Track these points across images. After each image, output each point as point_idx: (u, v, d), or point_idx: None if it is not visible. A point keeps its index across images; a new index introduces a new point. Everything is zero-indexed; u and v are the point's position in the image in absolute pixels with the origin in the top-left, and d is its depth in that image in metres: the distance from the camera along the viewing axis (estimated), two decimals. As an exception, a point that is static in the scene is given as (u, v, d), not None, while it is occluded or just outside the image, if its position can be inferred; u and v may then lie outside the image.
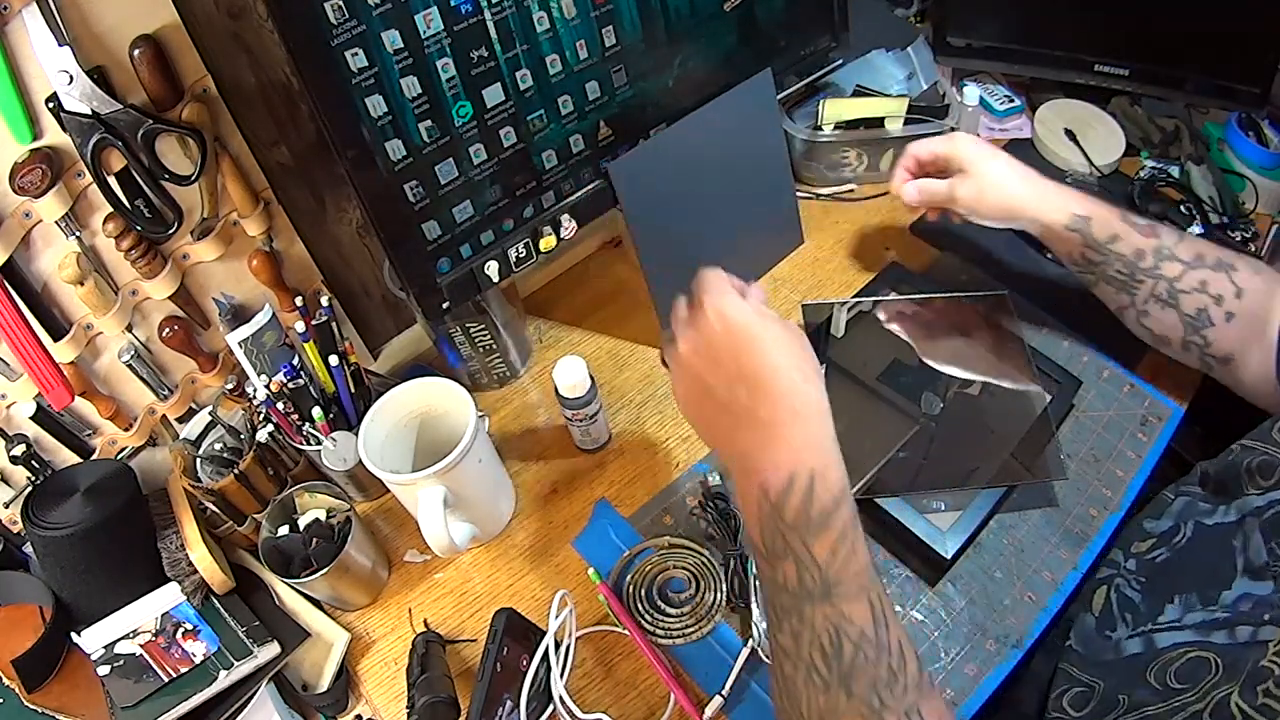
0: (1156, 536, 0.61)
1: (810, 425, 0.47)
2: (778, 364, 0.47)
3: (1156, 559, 0.60)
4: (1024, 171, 0.72)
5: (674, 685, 0.63)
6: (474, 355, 0.83)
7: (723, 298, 0.50)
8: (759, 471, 0.46)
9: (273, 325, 0.72)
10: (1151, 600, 0.57)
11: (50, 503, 0.64)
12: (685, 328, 0.52)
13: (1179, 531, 0.60)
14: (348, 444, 0.71)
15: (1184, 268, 0.67)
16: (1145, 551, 0.61)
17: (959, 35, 1.06)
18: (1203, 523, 0.58)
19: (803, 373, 0.48)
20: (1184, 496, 0.63)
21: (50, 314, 0.64)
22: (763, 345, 0.48)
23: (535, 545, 0.74)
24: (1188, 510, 0.61)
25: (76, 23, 0.55)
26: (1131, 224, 0.68)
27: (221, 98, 0.64)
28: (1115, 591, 0.60)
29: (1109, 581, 0.61)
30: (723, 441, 0.50)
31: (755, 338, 0.48)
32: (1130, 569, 0.61)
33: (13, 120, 0.56)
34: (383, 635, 0.70)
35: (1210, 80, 0.93)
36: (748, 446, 0.47)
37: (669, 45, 0.74)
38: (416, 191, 0.65)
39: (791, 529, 0.44)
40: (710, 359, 0.49)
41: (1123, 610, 0.59)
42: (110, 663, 0.63)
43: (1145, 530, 0.63)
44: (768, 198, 0.92)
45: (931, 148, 0.75)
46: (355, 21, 0.56)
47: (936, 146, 0.75)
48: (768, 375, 0.47)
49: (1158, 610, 0.55)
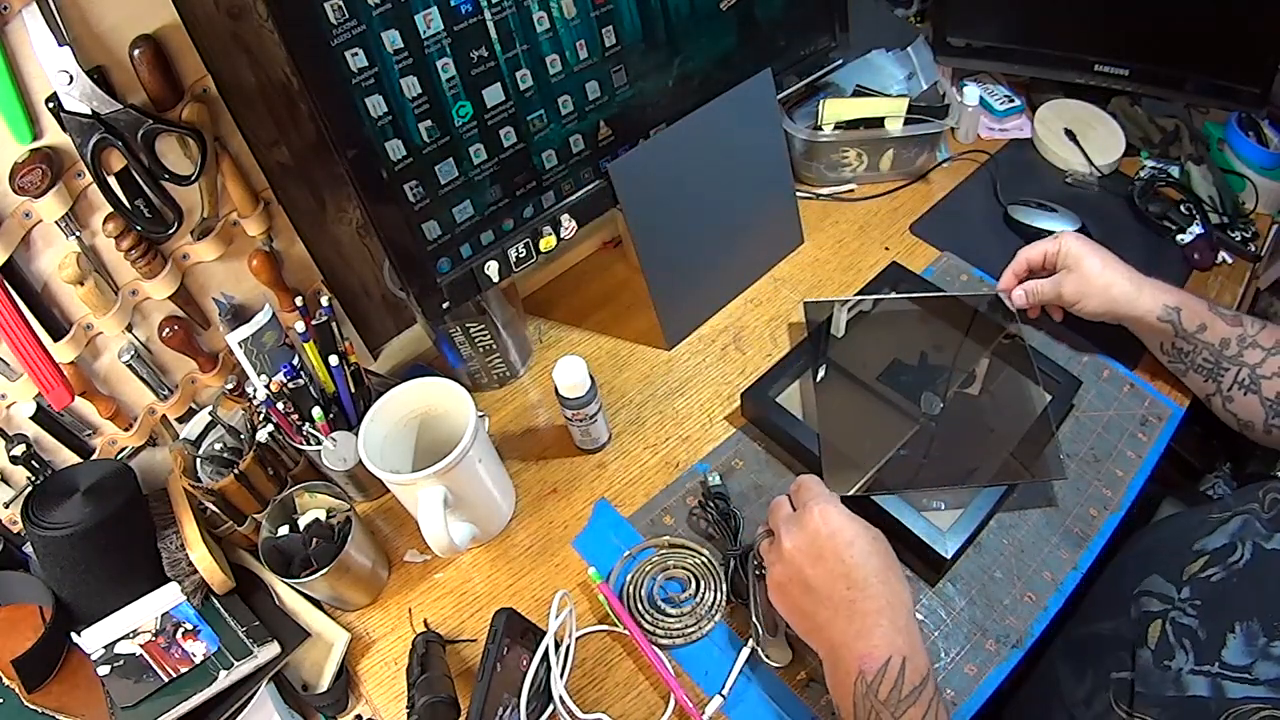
0: (1209, 554, 0.59)
1: (899, 616, 0.54)
2: (874, 564, 0.55)
3: (1212, 578, 0.58)
4: (1123, 267, 0.74)
5: (674, 685, 0.63)
6: (474, 355, 0.83)
7: (827, 504, 0.57)
8: (856, 656, 0.53)
9: (273, 325, 0.72)
10: (1211, 627, 0.55)
11: (50, 503, 0.64)
12: (790, 525, 0.58)
13: (1236, 550, 0.58)
14: (348, 444, 0.71)
15: (1265, 354, 0.69)
16: (1199, 571, 0.59)
17: (959, 35, 1.06)
18: (1262, 545, 0.56)
19: (893, 572, 0.56)
20: (1241, 515, 0.60)
21: (50, 314, 0.64)
22: (862, 547, 0.56)
23: (535, 545, 0.74)
24: (1246, 530, 0.59)
25: (76, 23, 0.55)
26: (1218, 313, 0.71)
27: (221, 98, 0.64)
28: (1171, 624, 0.58)
29: (1163, 616, 0.59)
30: (818, 628, 0.56)
31: (855, 541, 0.56)
32: (1185, 597, 0.58)
33: (13, 120, 0.56)
34: (383, 635, 0.70)
35: (1210, 80, 0.93)
36: (845, 635, 0.54)
37: (669, 45, 0.74)
38: (416, 191, 0.65)
39: (885, 705, 0.51)
40: (814, 556, 0.56)
41: (1180, 638, 0.56)
42: (110, 663, 0.63)
43: (1194, 551, 0.61)
44: (767, 198, 0.92)
45: (1043, 249, 0.77)
46: (355, 21, 0.56)
47: (1047, 248, 0.77)
48: (866, 574, 0.55)
49: (1219, 641, 0.53)
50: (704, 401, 0.83)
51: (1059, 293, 0.76)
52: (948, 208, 0.99)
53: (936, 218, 0.98)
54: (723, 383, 0.84)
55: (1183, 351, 0.74)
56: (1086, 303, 0.75)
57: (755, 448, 0.78)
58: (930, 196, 1.01)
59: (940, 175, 1.03)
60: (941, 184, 1.02)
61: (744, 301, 0.92)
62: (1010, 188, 0.99)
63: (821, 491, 0.60)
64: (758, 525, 0.72)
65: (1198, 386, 0.75)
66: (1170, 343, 0.74)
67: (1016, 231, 0.94)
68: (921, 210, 0.99)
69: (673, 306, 0.86)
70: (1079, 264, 0.74)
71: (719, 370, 0.85)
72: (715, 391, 0.84)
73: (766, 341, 0.87)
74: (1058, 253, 0.76)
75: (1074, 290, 0.75)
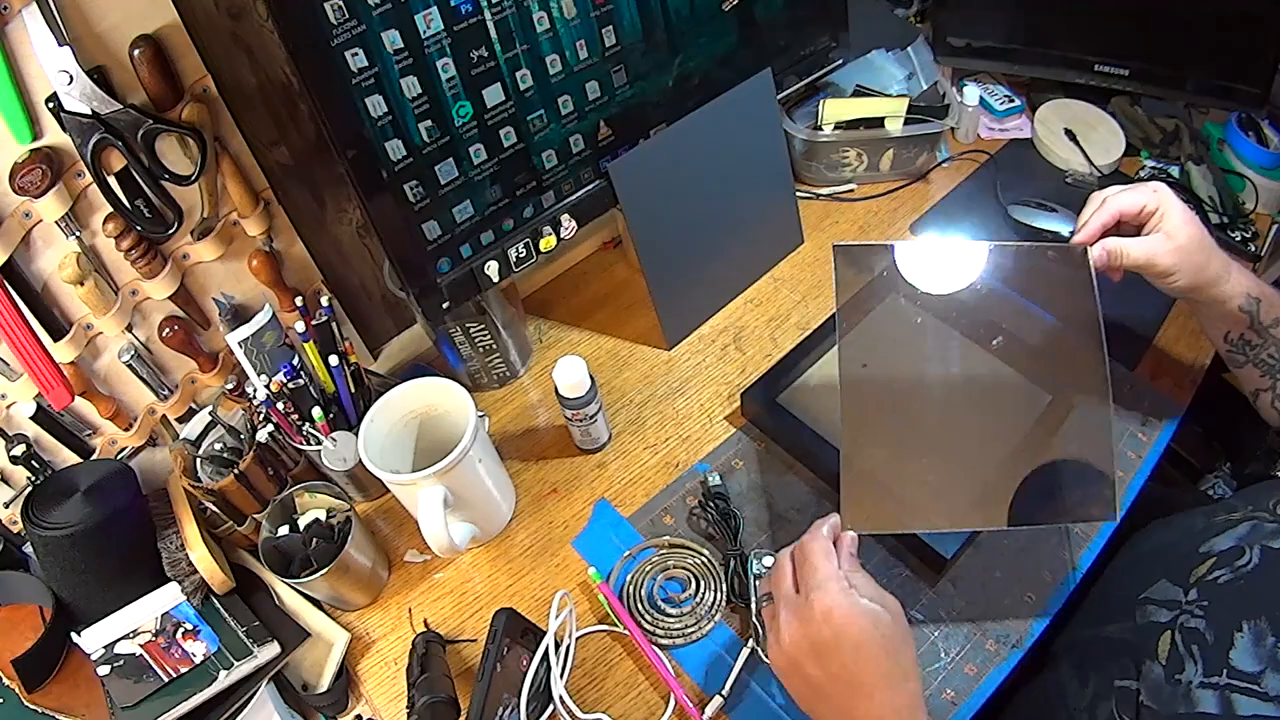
0: (1216, 556, 0.58)
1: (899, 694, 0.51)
2: (883, 669, 0.51)
3: (1219, 580, 0.56)
4: (1211, 240, 0.65)
5: (674, 685, 0.63)
6: (474, 355, 0.83)
7: (833, 596, 0.52)
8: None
9: (273, 325, 0.72)
10: (1218, 627, 0.53)
11: (50, 503, 0.64)
12: (791, 612, 0.54)
13: (1244, 555, 0.56)
14: (348, 444, 0.71)
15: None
16: (1206, 574, 0.57)
17: (959, 35, 1.06)
18: (1270, 547, 0.55)
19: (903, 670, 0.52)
20: (1249, 521, 0.59)
21: (50, 314, 0.64)
22: (871, 650, 0.51)
23: (535, 545, 0.74)
24: (1254, 534, 0.57)
25: (76, 23, 0.55)
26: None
27: (221, 98, 0.64)
28: (1180, 631, 0.55)
29: (1172, 625, 0.56)
30: (818, 715, 0.54)
31: (863, 644, 0.51)
32: (1192, 599, 0.57)
33: (13, 120, 0.56)
34: (383, 635, 0.70)
35: (1210, 80, 0.93)
36: None
37: (669, 45, 0.74)
38: (416, 191, 0.65)
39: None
40: (815, 654, 0.52)
41: (1189, 644, 0.54)
42: (110, 663, 0.63)
43: (1201, 554, 0.59)
44: (767, 198, 0.92)
45: (1139, 200, 0.65)
46: (355, 21, 0.56)
47: (1145, 200, 0.65)
48: (874, 680, 0.50)
49: (1227, 641, 0.52)
50: (704, 401, 0.83)
51: (1151, 260, 0.64)
52: (948, 208, 0.99)
53: (936, 218, 0.98)
54: (723, 383, 0.84)
55: (1250, 344, 0.67)
56: (1177, 279, 0.64)
57: (755, 448, 0.78)
58: (930, 196, 1.01)
59: (940, 175, 1.03)
60: (941, 184, 1.02)
61: (744, 301, 0.92)
62: (1010, 188, 0.99)
63: (828, 573, 0.53)
64: (757, 526, 0.72)
65: (1251, 381, 0.70)
66: (1240, 333, 0.67)
67: (1016, 232, 0.94)
68: (921, 210, 0.99)
69: (673, 306, 0.86)
70: (1178, 231, 0.63)
71: (719, 370, 0.85)
72: (715, 391, 0.84)
73: (766, 341, 0.87)
74: (1156, 211, 0.64)
75: (1171, 262, 0.63)
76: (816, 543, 0.56)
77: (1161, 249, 0.63)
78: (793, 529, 0.72)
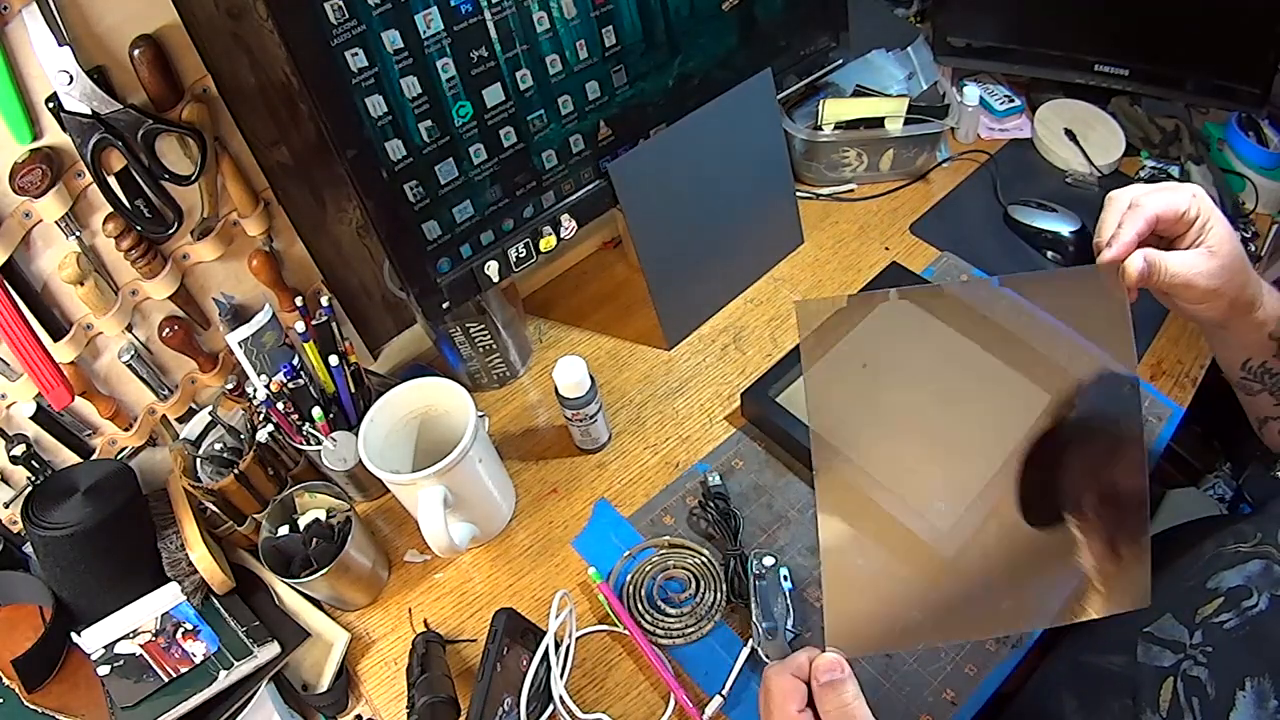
0: (1224, 595, 0.54)
1: None
2: None
3: (1225, 624, 0.52)
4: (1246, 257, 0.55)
5: (674, 685, 0.63)
6: (474, 355, 0.83)
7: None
8: None
9: (273, 325, 0.72)
10: (1221, 681, 0.50)
11: (50, 503, 0.64)
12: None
13: (1252, 596, 0.52)
14: (348, 444, 0.71)
15: None
16: (1212, 615, 0.54)
17: (959, 35, 1.06)
18: (1278, 596, 0.51)
19: None
20: (1260, 560, 0.55)
21: (50, 314, 0.64)
22: None
23: (535, 545, 0.74)
24: (1265, 577, 0.53)
25: (76, 23, 0.55)
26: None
27: (221, 98, 0.64)
28: (1182, 679, 0.52)
29: (1175, 672, 0.53)
30: None
31: None
32: (1196, 642, 0.53)
33: (13, 120, 0.56)
34: (383, 635, 0.70)
35: (1210, 80, 0.93)
36: None
37: (669, 45, 0.74)
38: (416, 191, 0.65)
39: None
40: None
41: (1190, 696, 0.51)
42: (110, 663, 0.63)
43: (1209, 589, 0.55)
44: (767, 198, 0.92)
45: (1177, 205, 0.52)
46: (355, 21, 0.56)
47: (1183, 205, 0.52)
48: None
49: (1228, 701, 0.49)
50: (704, 401, 0.83)
51: (1190, 281, 0.52)
52: (948, 208, 0.99)
53: (936, 218, 0.98)
54: (723, 383, 0.84)
55: (1271, 372, 0.60)
56: (1212, 305, 0.54)
57: (755, 448, 0.78)
58: (930, 196, 1.01)
59: (940, 175, 1.03)
60: (941, 184, 1.02)
61: (744, 301, 0.92)
62: (1010, 188, 0.99)
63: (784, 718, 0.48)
64: (757, 526, 0.72)
65: (1261, 409, 0.63)
66: (1263, 361, 0.60)
67: (1016, 232, 0.94)
68: (921, 210, 0.99)
69: (673, 306, 0.86)
70: (1221, 245, 0.52)
71: (719, 370, 0.85)
72: (715, 391, 0.84)
73: (766, 341, 0.87)
74: (1197, 219, 0.52)
75: (1213, 285, 0.52)
76: (780, 679, 0.50)
77: (1205, 267, 0.52)
78: (793, 529, 0.72)
